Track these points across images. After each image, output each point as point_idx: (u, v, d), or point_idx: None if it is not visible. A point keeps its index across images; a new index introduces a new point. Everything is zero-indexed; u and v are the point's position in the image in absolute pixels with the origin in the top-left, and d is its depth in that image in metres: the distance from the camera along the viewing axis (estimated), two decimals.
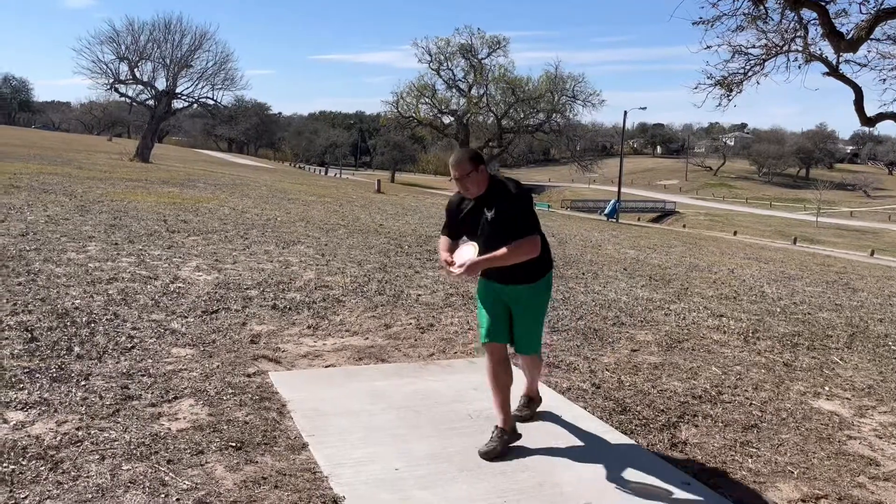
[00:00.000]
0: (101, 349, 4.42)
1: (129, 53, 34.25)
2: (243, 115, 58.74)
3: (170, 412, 3.61)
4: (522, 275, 3.58)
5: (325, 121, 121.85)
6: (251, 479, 3.00)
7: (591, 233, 17.35)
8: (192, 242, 8.52)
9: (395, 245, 10.01)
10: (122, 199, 12.60)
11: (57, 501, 2.69)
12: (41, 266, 6.42)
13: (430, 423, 3.78)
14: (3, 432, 3.20)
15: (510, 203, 3.50)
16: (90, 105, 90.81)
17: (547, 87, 40.57)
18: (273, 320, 5.49)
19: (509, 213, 3.49)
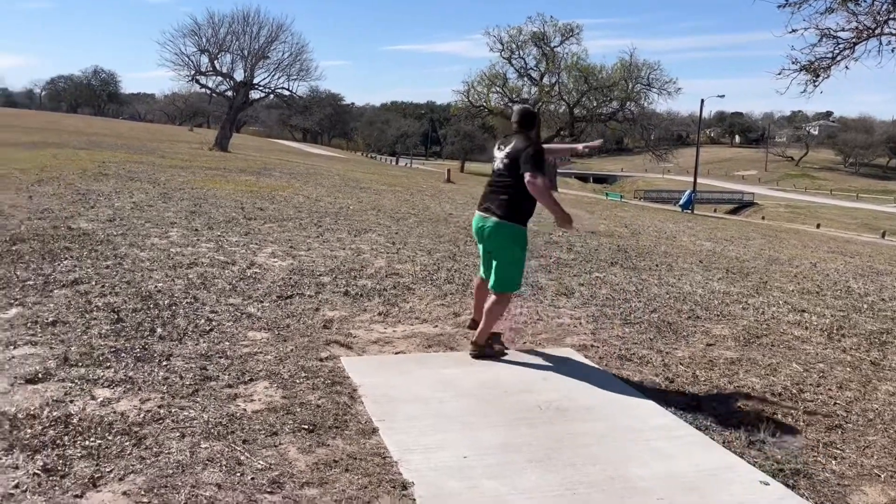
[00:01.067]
0: (182, 331, 4.58)
1: (209, 46, 35.35)
2: (317, 106, 59.72)
3: (245, 394, 3.71)
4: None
5: (397, 111, 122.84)
6: (323, 462, 3.05)
7: (666, 224, 16.94)
8: (268, 229, 8.74)
9: (465, 234, 10.00)
10: (202, 186, 13.03)
11: (140, 476, 2.80)
12: (127, 250, 6.70)
13: (499, 412, 3.77)
14: (91, 408, 3.36)
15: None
16: (173, 96, 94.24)
17: (621, 74, 39.75)
18: (345, 306, 5.58)
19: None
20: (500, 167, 4.67)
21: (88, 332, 4.39)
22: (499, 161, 4.68)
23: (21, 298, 4.92)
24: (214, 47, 35.48)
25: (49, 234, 7.08)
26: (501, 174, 4.65)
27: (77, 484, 2.70)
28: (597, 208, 19.91)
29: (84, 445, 2.99)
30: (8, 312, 4.63)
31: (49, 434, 3.05)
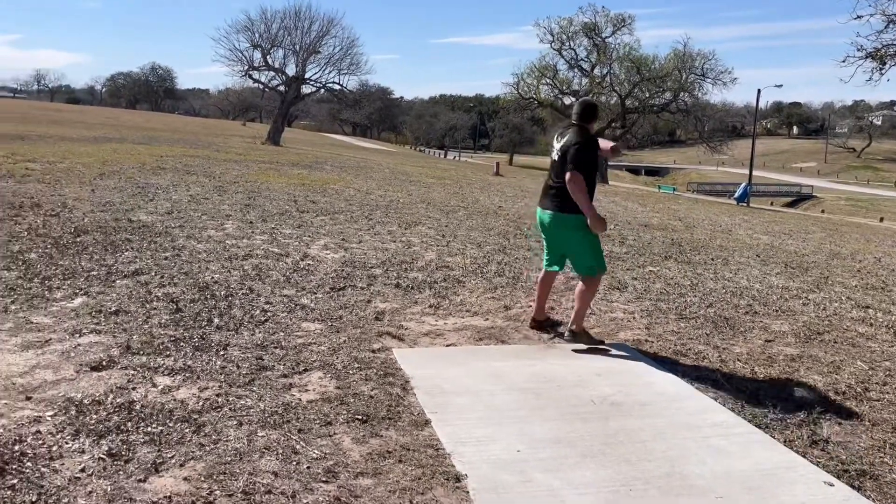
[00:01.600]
0: (238, 321, 4.67)
1: (262, 41, 36.00)
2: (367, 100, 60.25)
3: (300, 383, 3.76)
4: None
5: (445, 104, 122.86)
6: (376, 452, 3.07)
7: (721, 217, 16.56)
8: (320, 222, 8.84)
9: (515, 227, 9.96)
10: (256, 180, 13.26)
11: (199, 462, 2.87)
12: (184, 242, 6.86)
13: (552, 406, 3.74)
14: (152, 395, 3.45)
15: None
16: (226, 92, 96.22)
17: (674, 65, 38.94)
18: (396, 298, 5.61)
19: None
20: (555, 159, 4.75)
21: (149, 321, 4.51)
22: (555, 153, 4.76)
23: (86, 288, 5.09)
24: (267, 42, 36.12)
25: (111, 226, 7.30)
26: (556, 165, 4.74)
27: (140, 469, 2.77)
28: (649, 201, 19.59)
29: (146, 431, 3.07)
30: (74, 301, 4.78)
31: (113, 420, 3.15)
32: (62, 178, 10.75)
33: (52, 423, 3.06)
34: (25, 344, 3.98)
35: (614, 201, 16.99)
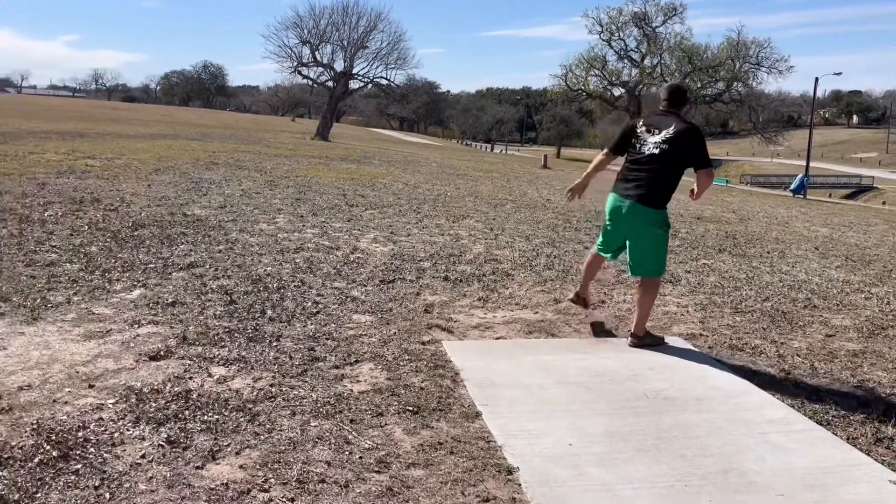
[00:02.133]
0: (290, 313, 4.74)
1: (310, 37, 36.42)
2: (414, 94, 60.50)
3: (352, 374, 3.79)
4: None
5: (492, 97, 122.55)
6: (428, 444, 3.08)
7: (777, 209, 16.12)
8: (369, 216, 8.91)
9: (564, 220, 9.87)
10: (306, 174, 13.42)
11: (254, 451, 2.91)
12: (237, 235, 6.99)
13: (604, 400, 3.69)
14: (208, 385, 3.52)
15: None
16: (276, 88, 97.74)
17: (728, 53, 38.04)
18: (445, 291, 5.61)
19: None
20: (654, 152, 4.37)
21: (204, 312, 4.60)
22: (651, 145, 4.38)
23: (143, 280, 5.22)
24: (315, 38, 36.53)
25: (166, 220, 7.48)
26: (655, 159, 4.38)
27: (198, 456, 2.83)
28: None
29: (203, 420, 3.14)
30: (132, 293, 4.92)
31: (171, 408, 3.22)
32: (120, 173, 11.06)
33: (113, 411, 3.15)
34: (88, 334, 4.10)
35: None
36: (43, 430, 2.92)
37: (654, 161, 4.38)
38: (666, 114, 4.50)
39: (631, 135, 4.53)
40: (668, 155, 4.34)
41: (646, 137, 4.41)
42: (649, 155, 4.39)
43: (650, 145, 4.38)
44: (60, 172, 10.60)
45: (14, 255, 5.64)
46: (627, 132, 4.58)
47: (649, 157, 4.39)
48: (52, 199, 8.18)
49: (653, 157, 4.38)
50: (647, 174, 4.41)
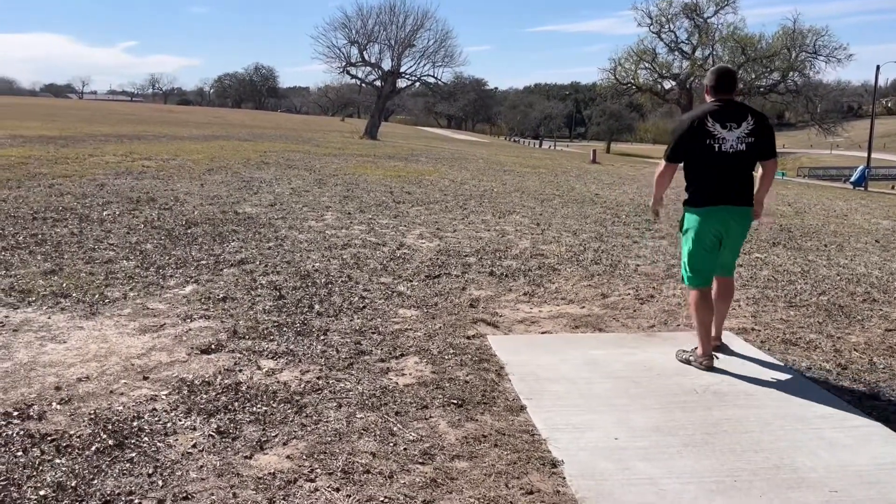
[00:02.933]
0: (338, 308, 4.80)
1: (358, 37, 36.72)
2: (461, 92, 60.54)
3: (397, 368, 3.82)
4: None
5: (540, 93, 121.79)
6: (472, 436, 3.08)
7: (835, 202, 15.62)
8: (416, 212, 8.95)
9: (612, 215, 9.74)
10: (354, 172, 13.56)
11: (301, 441, 2.96)
12: (287, 232, 7.11)
13: (652, 394, 3.64)
14: (257, 377, 3.59)
15: None
16: (325, 88, 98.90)
17: (783, 43, 36.98)
18: (490, 286, 5.60)
19: None
20: (741, 148, 3.90)
21: (254, 307, 4.70)
22: (735, 141, 3.89)
23: (196, 276, 5.36)
24: (363, 38, 36.81)
25: (218, 218, 7.65)
26: (744, 156, 3.92)
27: (247, 446, 2.89)
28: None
29: (252, 411, 3.20)
30: (185, 289, 5.05)
31: (222, 400, 3.30)
32: (174, 173, 11.36)
33: (166, 402, 3.25)
34: (143, 328, 4.23)
35: None
36: (100, 420, 3.02)
37: (742, 157, 3.91)
38: (731, 103, 3.98)
39: (700, 135, 3.90)
40: (755, 148, 3.93)
41: (723, 134, 3.88)
42: (736, 152, 3.89)
43: (733, 141, 3.89)
44: (118, 173, 10.95)
45: (74, 252, 5.85)
46: (694, 133, 3.93)
47: (736, 155, 3.89)
48: (110, 199, 8.46)
49: (740, 154, 3.90)
50: (739, 172, 3.95)
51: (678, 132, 4.03)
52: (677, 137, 4.02)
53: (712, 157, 3.90)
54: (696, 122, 3.93)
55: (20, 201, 7.98)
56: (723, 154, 3.89)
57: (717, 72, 4.04)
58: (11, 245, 5.97)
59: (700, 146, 3.91)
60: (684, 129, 3.98)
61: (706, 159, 3.91)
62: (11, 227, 6.65)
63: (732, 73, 4.08)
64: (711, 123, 3.89)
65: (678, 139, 4.00)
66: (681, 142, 3.99)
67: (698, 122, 3.92)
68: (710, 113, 3.93)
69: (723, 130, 3.88)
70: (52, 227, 6.76)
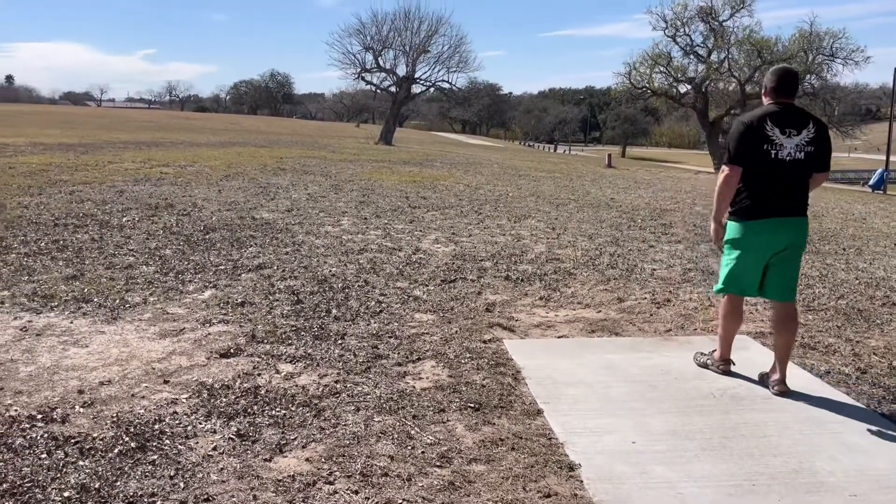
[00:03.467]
0: (354, 312, 4.83)
1: (373, 43, 36.97)
2: (476, 97, 60.65)
3: (414, 371, 3.84)
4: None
5: (555, 98, 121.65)
6: (489, 440, 3.09)
7: (853, 205, 15.48)
8: (431, 217, 8.98)
9: (628, 219, 9.73)
10: (370, 178, 13.63)
11: (320, 444, 2.99)
12: (304, 238, 7.17)
13: (669, 398, 3.63)
14: (276, 381, 3.63)
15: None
16: (340, 95, 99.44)
17: (800, 46, 36.69)
18: (506, 290, 5.62)
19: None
20: (800, 157, 3.61)
21: (272, 312, 4.74)
22: (793, 148, 3.60)
23: (214, 281, 5.41)
24: (378, 44, 37.06)
25: (236, 223, 7.72)
26: (802, 165, 3.64)
27: (266, 449, 2.92)
28: None
29: (271, 415, 3.24)
30: (204, 294, 5.10)
31: (241, 403, 3.34)
32: (192, 180, 11.47)
33: (187, 405, 3.29)
34: (163, 332, 4.28)
35: None
36: (122, 423, 3.07)
37: (799, 167, 3.63)
38: (791, 108, 3.70)
39: (760, 139, 3.61)
40: (813, 158, 3.64)
41: (782, 140, 3.59)
42: (794, 161, 3.61)
43: (791, 149, 3.60)
44: (137, 180, 11.07)
45: (95, 258, 5.93)
46: (754, 136, 3.63)
47: (794, 163, 3.62)
48: (129, 205, 8.56)
49: (797, 164, 3.62)
50: (796, 182, 3.68)
51: (738, 133, 3.69)
52: (738, 138, 3.67)
53: (767, 164, 3.62)
54: (755, 123, 3.63)
55: (42, 208, 8.10)
56: (779, 162, 3.61)
57: (778, 72, 3.74)
58: (34, 251, 6.06)
59: (755, 151, 3.62)
60: (743, 129, 3.67)
61: (760, 166, 3.63)
62: (34, 233, 6.75)
63: (795, 75, 3.80)
64: (770, 127, 3.60)
65: (740, 139, 3.66)
66: (742, 143, 3.65)
67: (757, 125, 3.63)
68: (769, 115, 3.64)
69: (781, 136, 3.60)
70: (73, 233, 6.86)
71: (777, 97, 3.70)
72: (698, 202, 12.58)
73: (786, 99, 3.70)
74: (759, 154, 3.61)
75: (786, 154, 3.60)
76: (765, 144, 3.60)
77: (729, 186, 3.72)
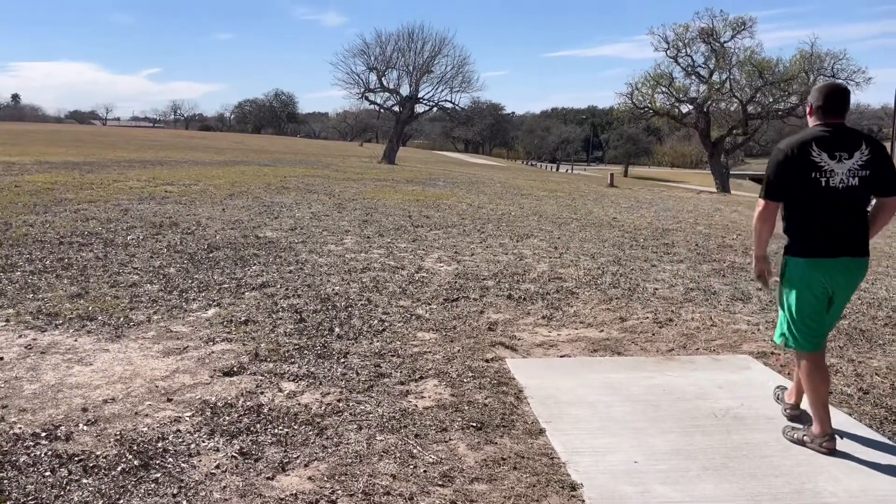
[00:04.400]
0: (357, 331, 4.85)
1: (377, 63, 37.19)
2: (479, 116, 61.01)
3: (416, 390, 3.85)
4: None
5: (557, 117, 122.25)
6: (491, 459, 3.10)
7: None
8: (434, 236, 9.02)
9: (630, 238, 9.75)
10: (373, 197, 13.68)
11: (322, 463, 3.00)
12: (307, 256, 7.20)
13: (671, 418, 3.64)
14: (279, 399, 3.64)
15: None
16: (344, 114, 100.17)
17: (801, 66, 36.87)
18: (508, 309, 5.63)
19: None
20: (853, 183, 3.22)
21: (275, 330, 4.76)
22: (846, 174, 3.22)
23: (218, 300, 5.44)
24: (382, 64, 37.27)
25: (240, 242, 7.76)
26: (856, 192, 3.25)
27: (269, 467, 2.93)
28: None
29: (274, 433, 3.25)
30: (208, 312, 5.13)
31: (244, 421, 3.35)
32: (196, 198, 11.53)
33: (190, 423, 3.30)
34: (166, 350, 4.30)
35: (737, 210, 16.26)
36: (125, 441, 3.08)
37: (855, 194, 3.24)
38: (841, 129, 3.30)
39: (805, 166, 3.23)
40: (869, 183, 3.25)
41: (832, 166, 3.21)
42: (847, 188, 3.22)
43: (843, 175, 3.21)
44: (142, 198, 11.14)
45: (100, 276, 5.97)
46: (797, 165, 3.25)
47: (848, 191, 3.22)
48: (134, 223, 8.61)
49: (852, 190, 3.23)
50: (851, 213, 3.29)
51: (775, 163, 3.30)
52: (776, 169, 3.29)
53: (818, 195, 3.23)
54: (797, 150, 3.25)
55: (47, 226, 8.15)
56: (831, 190, 3.21)
57: (825, 89, 3.37)
58: (39, 269, 6.10)
59: (803, 181, 3.23)
60: (782, 158, 3.28)
61: (810, 197, 3.25)
62: (39, 251, 6.79)
63: (845, 91, 3.39)
64: (817, 153, 3.22)
65: (777, 171, 3.29)
66: (781, 174, 3.28)
67: (799, 151, 3.24)
68: (815, 140, 3.26)
69: (831, 161, 3.21)
70: (77, 251, 6.90)
71: (825, 117, 3.32)
72: (700, 222, 12.61)
73: (834, 119, 3.31)
74: (806, 184, 3.23)
75: (838, 181, 3.21)
76: (812, 172, 3.21)
77: (763, 223, 3.39)
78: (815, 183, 3.22)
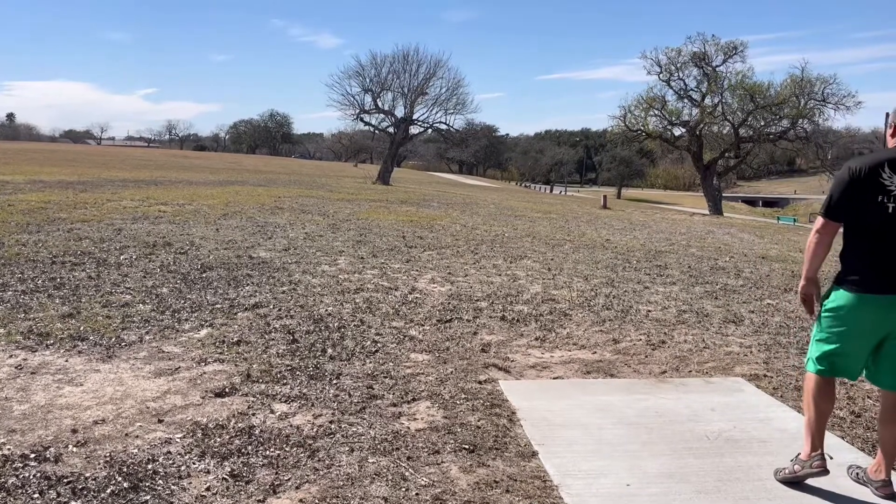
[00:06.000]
0: (350, 352, 4.84)
1: (372, 85, 37.42)
2: (473, 138, 61.35)
3: (409, 412, 3.84)
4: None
5: (551, 139, 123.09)
6: (484, 482, 3.09)
7: None
8: (428, 256, 9.03)
9: (623, 260, 9.78)
10: (367, 217, 13.71)
11: (314, 485, 2.98)
12: (300, 277, 7.19)
13: (664, 441, 3.63)
14: (270, 421, 3.62)
15: None
16: (339, 135, 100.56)
17: (791, 91, 37.25)
18: (502, 331, 5.63)
19: None
20: None
21: (268, 351, 4.75)
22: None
23: (210, 320, 5.42)
24: (377, 86, 37.50)
25: (233, 262, 7.75)
26: None
27: (260, 490, 2.91)
28: (767, 232, 18.72)
29: (265, 455, 3.23)
30: (200, 332, 5.11)
31: (235, 443, 3.33)
32: (190, 218, 11.52)
33: (180, 445, 3.28)
34: (158, 371, 4.28)
35: (729, 233, 16.34)
36: (115, 463, 3.06)
37: None
38: None
39: (871, 189, 2.94)
40: None
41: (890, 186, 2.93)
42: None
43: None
44: (136, 218, 11.13)
45: (92, 296, 5.94)
46: (863, 186, 2.96)
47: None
48: (127, 243, 8.60)
49: None
50: None
51: (839, 181, 3.03)
52: (840, 187, 3.01)
53: (883, 221, 2.94)
54: (864, 171, 2.95)
55: (40, 245, 8.12)
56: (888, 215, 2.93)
57: None
58: (31, 288, 6.07)
59: (867, 204, 2.94)
60: (847, 177, 2.99)
61: (873, 222, 2.95)
62: (31, 270, 6.77)
63: None
64: (888, 175, 2.92)
65: (841, 189, 3.00)
66: (844, 193, 2.99)
67: (868, 172, 2.94)
68: (888, 161, 2.94)
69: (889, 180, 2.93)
70: (70, 270, 6.88)
71: None
72: (693, 244, 12.67)
73: None
74: (868, 208, 2.94)
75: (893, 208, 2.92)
76: (879, 196, 2.92)
77: (819, 243, 3.10)
78: (879, 208, 2.92)
